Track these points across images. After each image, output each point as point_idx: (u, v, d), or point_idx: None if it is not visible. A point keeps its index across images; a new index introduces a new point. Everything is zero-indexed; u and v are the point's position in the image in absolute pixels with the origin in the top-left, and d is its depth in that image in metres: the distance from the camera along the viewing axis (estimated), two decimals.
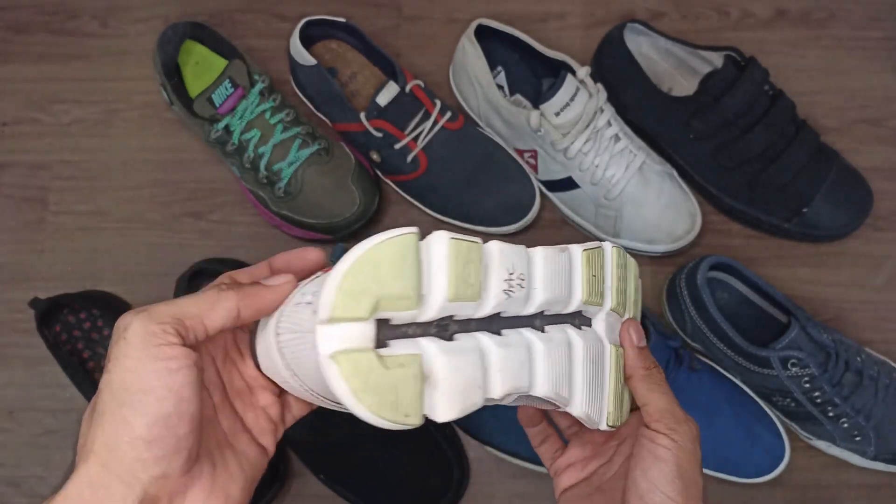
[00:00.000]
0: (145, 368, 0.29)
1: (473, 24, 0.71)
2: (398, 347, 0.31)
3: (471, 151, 0.70)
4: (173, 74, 0.72)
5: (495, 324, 0.35)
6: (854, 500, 0.67)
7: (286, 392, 0.39)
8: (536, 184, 0.72)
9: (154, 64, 0.72)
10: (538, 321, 0.37)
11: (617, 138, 0.68)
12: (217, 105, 0.67)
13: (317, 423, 0.65)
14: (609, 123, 0.67)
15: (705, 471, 0.66)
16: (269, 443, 0.37)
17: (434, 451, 0.66)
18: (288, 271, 0.38)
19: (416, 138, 0.69)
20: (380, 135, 0.68)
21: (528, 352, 0.36)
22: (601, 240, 0.71)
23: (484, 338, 0.34)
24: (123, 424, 0.29)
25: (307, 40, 0.72)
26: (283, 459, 0.68)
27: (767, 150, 0.68)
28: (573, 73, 0.67)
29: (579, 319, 0.40)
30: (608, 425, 0.39)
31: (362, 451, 0.65)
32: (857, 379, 0.63)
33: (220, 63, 0.73)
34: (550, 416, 0.47)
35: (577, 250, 0.38)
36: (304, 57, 0.69)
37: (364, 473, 0.65)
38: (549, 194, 0.73)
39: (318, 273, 0.35)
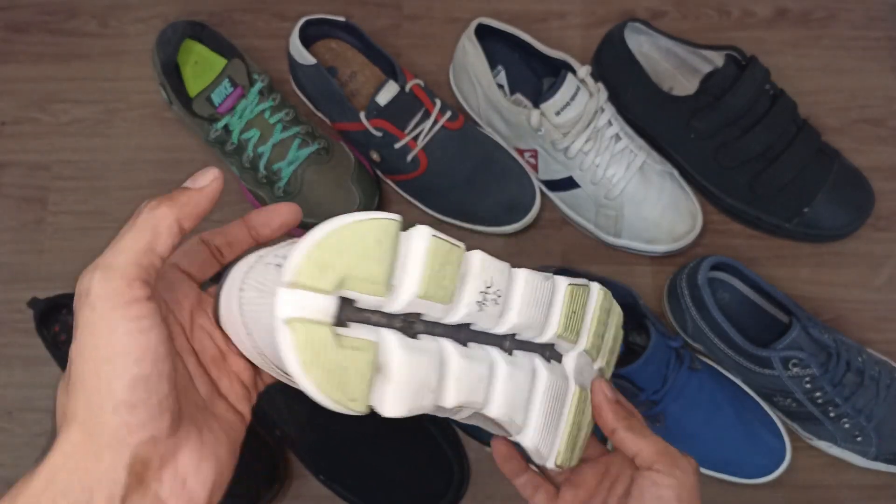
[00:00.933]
0: (118, 331, 0.28)
1: (474, 24, 0.71)
2: (358, 331, 0.30)
3: (471, 151, 0.70)
4: (173, 74, 0.72)
5: (463, 334, 0.35)
6: (855, 500, 0.67)
7: None
8: (537, 183, 0.72)
9: (153, 63, 0.72)
10: (507, 343, 0.37)
11: (617, 138, 0.68)
12: (216, 104, 0.67)
13: (317, 423, 0.65)
14: (610, 123, 0.67)
15: (706, 471, 0.66)
16: (245, 409, 0.36)
17: (434, 451, 0.66)
18: (265, 229, 0.37)
19: (416, 138, 0.68)
20: (379, 134, 0.68)
21: (490, 370, 0.35)
22: (602, 240, 0.72)
23: (447, 344, 0.33)
24: (103, 390, 0.28)
25: (307, 40, 0.72)
26: (283, 459, 0.67)
27: (768, 150, 0.68)
28: (574, 72, 0.67)
29: (550, 352, 0.39)
30: (556, 464, 0.39)
31: (362, 452, 0.65)
32: (859, 379, 0.63)
33: (220, 62, 0.73)
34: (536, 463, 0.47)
35: (562, 282, 0.38)
36: (304, 56, 0.69)
37: (364, 474, 0.65)
38: (550, 194, 0.73)
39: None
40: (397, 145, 0.68)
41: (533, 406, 0.37)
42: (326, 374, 0.29)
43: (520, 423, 0.37)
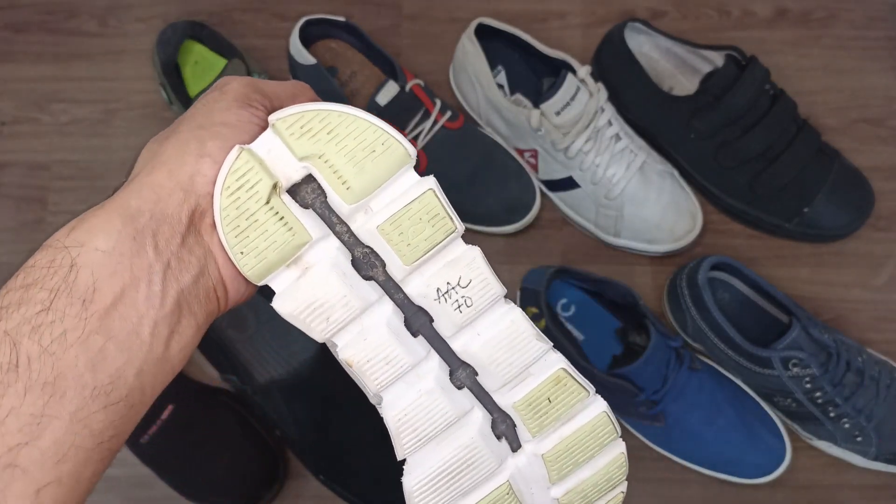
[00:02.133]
0: (230, 111, 0.31)
1: (474, 24, 0.71)
2: (307, 219, 0.29)
3: (471, 151, 0.70)
4: (173, 74, 0.72)
5: (418, 323, 0.31)
6: (855, 500, 0.67)
7: None
8: (537, 183, 0.72)
9: (153, 63, 0.72)
10: (462, 373, 0.32)
11: (618, 138, 0.68)
12: None
13: (317, 423, 0.65)
14: (610, 123, 0.67)
15: (706, 471, 0.66)
16: None
17: None
18: None
19: (416, 137, 0.68)
20: None
21: (410, 367, 0.31)
22: (602, 240, 0.71)
23: (387, 309, 0.31)
24: (197, 142, 0.30)
25: (307, 40, 0.72)
26: (283, 459, 0.67)
27: (768, 150, 0.68)
28: (574, 72, 0.67)
29: (508, 427, 0.32)
30: None
31: (362, 452, 0.65)
32: (859, 379, 0.63)
33: (220, 62, 0.73)
34: None
35: (555, 362, 0.32)
36: (304, 56, 0.69)
37: (364, 474, 0.65)
38: (550, 194, 0.73)
39: None
40: None
41: (434, 448, 0.32)
42: (235, 213, 0.29)
43: (405, 448, 0.32)
